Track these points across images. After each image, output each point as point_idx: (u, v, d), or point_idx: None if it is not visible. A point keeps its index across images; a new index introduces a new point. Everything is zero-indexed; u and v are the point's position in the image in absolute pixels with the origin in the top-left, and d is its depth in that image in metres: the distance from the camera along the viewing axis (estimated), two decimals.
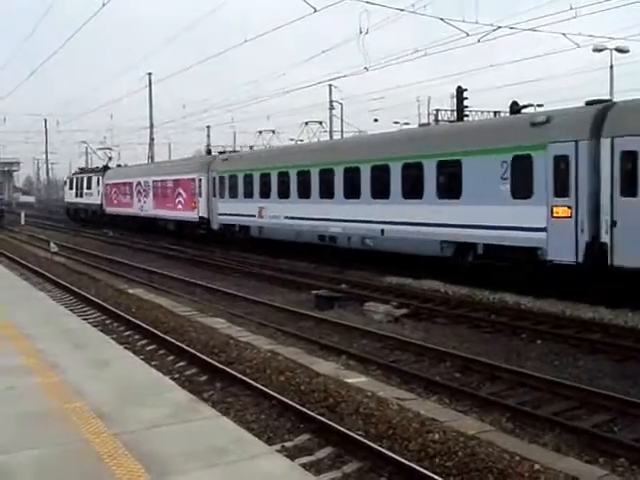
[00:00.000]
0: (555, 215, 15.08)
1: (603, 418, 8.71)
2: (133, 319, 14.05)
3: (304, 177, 23.86)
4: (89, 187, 47.45)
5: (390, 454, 6.89)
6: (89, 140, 77.93)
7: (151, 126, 57.02)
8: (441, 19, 20.75)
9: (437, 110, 41.37)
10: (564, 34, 23.30)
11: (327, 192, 22.61)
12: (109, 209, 43.65)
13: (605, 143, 14.08)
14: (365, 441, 7.24)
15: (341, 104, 55.69)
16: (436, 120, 40.74)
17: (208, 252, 28.34)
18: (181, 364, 11.03)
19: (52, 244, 27.62)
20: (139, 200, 38.78)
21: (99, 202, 44.93)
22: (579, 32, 23.87)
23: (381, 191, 20.23)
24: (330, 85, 52.62)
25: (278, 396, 8.78)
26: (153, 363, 10.42)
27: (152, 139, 57.42)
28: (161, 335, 12.55)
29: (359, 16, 20.61)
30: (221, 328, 13.45)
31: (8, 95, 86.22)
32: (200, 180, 31.36)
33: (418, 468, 6.53)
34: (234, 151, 35.89)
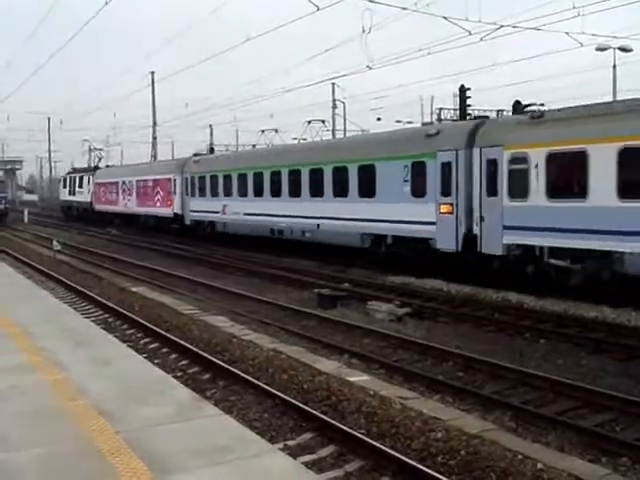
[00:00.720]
0: (441, 211, 18.22)
1: (606, 417, 8.70)
2: (136, 317, 14.07)
3: (259, 178, 27.16)
4: (80, 186, 50.57)
5: (393, 453, 6.88)
6: (92, 139, 77.95)
7: (154, 125, 57.06)
8: (444, 18, 20.74)
9: (440, 109, 41.28)
10: (567, 33, 23.25)
11: (276, 192, 25.98)
12: (98, 206, 46.44)
13: (476, 152, 17.27)
14: (367, 440, 7.24)
15: (344, 103, 55.68)
16: (439, 119, 40.65)
17: (211, 251, 28.38)
18: (184, 362, 11.04)
19: (55, 242, 27.64)
20: (124, 198, 41.73)
21: (89, 200, 48.02)
22: (582, 31, 23.80)
23: (317, 191, 23.46)
24: (333, 84, 52.60)
25: (281, 395, 8.79)
26: (156, 361, 10.44)
27: (155, 138, 57.48)
28: (164, 333, 12.57)
29: (362, 14, 20.59)
30: (224, 326, 13.46)
31: (11, 95, 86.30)
32: (175, 180, 34.59)
33: (421, 467, 6.53)
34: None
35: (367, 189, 20.98)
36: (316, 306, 16.24)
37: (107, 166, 51.46)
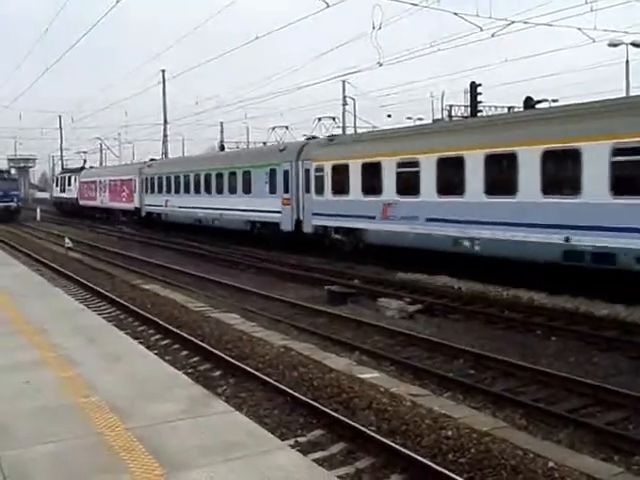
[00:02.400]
0: (284, 204, 26.14)
1: (618, 416, 8.64)
2: (147, 314, 14.13)
3: (186, 180, 35.39)
4: (69, 184, 58.42)
5: (403, 450, 6.88)
6: (104, 136, 78.41)
7: (165, 122, 57.24)
8: (455, 13, 20.66)
9: (450, 106, 41.17)
10: (579, 29, 23.11)
11: (197, 190, 34.01)
12: (82, 202, 54.18)
13: (300, 164, 25.43)
14: (378, 437, 7.24)
15: (354, 100, 55.54)
16: (449, 115, 40.52)
17: (221, 248, 28.51)
18: (195, 359, 11.08)
19: (67, 240, 27.80)
20: (100, 194, 49.66)
21: (76, 196, 55.64)
22: (594, 27, 23.65)
23: (220, 189, 31.58)
24: (343, 81, 52.47)
25: (291, 391, 8.80)
26: (167, 358, 10.46)
27: (166, 135, 57.67)
28: (175, 330, 12.61)
29: (372, 11, 20.55)
30: (234, 323, 13.49)
31: (23, 94, 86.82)
32: (135, 180, 42.46)
33: (431, 464, 6.52)
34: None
35: (247, 188, 29.13)
36: (326, 303, 16.24)
37: (91, 167, 59.69)
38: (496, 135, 17.24)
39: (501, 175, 17.07)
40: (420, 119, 49.39)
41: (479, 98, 36.48)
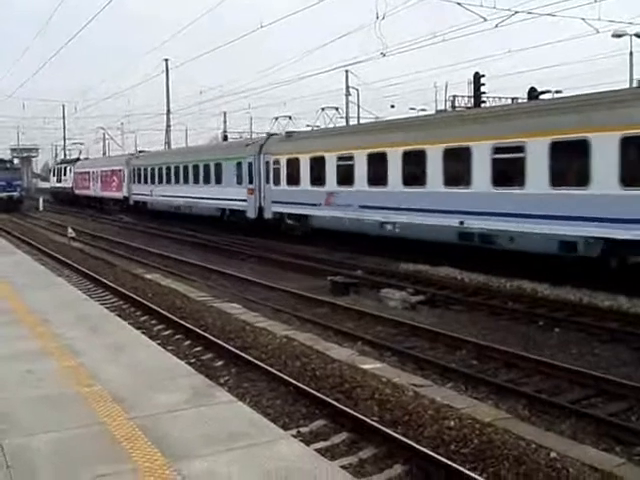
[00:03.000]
0: (249, 193, 28.99)
1: (620, 406, 8.64)
2: (150, 304, 14.13)
3: (168, 171, 38.26)
4: (65, 175, 61.27)
5: (406, 440, 6.88)
6: (107, 126, 78.32)
7: (168, 112, 57.06)
8: (458, 4, 20.55)
9: (454, 96, 40.95)
10: (583, 19, 22.97)
11: (176, 181, 37.00)
12: (77, 191, 56.97)
13: (262, 157, 28.34)
14: (380, 427, 7.24)
15: (357, 90, 55.31)
16: (453, 106, 40.30)
17: (222, 237, 28.50)
18: (197, 349, 11.09)
19: (69, 229, 27.81)
20: (93, 184, 52.48)
21: (71, 185, 58.59)
22: (599, 17, 23.50)
23: (195, 180, 34.42)
24: (346, 71, 52.24)
25: (294, 381, 8.80)
26: (169, 348, 10.47)
27: (169, 125, 57.49)
28: (177, 320, 12.62)
29: (376, 1, 20.45)
30: (237, 313, 13.49)
31: (25, 82, 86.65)
32: (123, 171, 45.22)
33: (434, 455, 6.52)
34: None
35: (218, 179, 31.97)
36: (329, 293, 16.23)
37: (86, 158, 62.58)
38: (414, 134, 20.13)
39: (414, 169, 19.63)
40: (423, 109, 49.18)
41: (482, 89, 36.30)
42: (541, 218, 15.70)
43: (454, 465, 6.29)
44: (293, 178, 25.77)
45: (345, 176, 22.55)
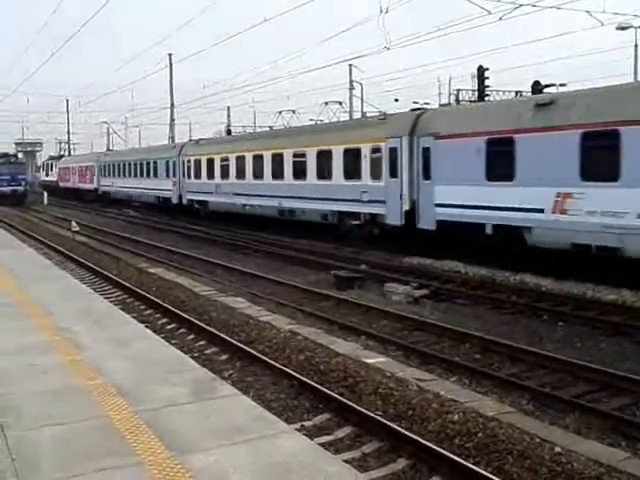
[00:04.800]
0: (173, 185, 37.45)
1: (625, 401, 8.63)
2: (154, 298, 14.15)
3: (124, 167, 46.32)
4: (52, 170, 69.92)
5: (410, 434, 6.87)
6: (111, 120, 78.47)
7: (172, 106, 56.98)
8: None
9: (458, 90, 40.80)
10: (588, 12, 22.84)
11: (130, 174, 44.99)
12: (61, 184, 64.24)
13: (181, 158, 36.99)
14: (384, 421, 7.23)
15: (361, 84, 55.13)
16: (457, 100, 40.15)
17: (229, 232, 28.51)
18: (201, 343, 11.10)
19: (74, 223, 27.84)
20: (72, 177, 60.78)
21: (56, 179, 66.46)
22: (603, 10, 23.36)
23: (142, 173, 42.54)
24: (350, 65, 52.07)
25: (297, 375, 8.80)
26: (173, 342, 10.48)
27: (173, 119, 57.43)
28: (181, 314, 12.63)
29: None
30: (241, 307, 13.50)
31: (30, 77, 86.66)
32: (94, 166, 53.34)
33: (438, 449, 6.52)
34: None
35: (155, 173, 40.26)
36: (333, 287, 16.23)
37: (69, 155, 73.05)
38: (255, 144, 29.75)
39: (258, 168, 28.48)
40: (427, 103, 49.03)
41: (487, 82, 36.17)
42: (313, 200, 24.31)
43: (459, 459, 6.28)
44: (198, 174, 34.81)
45: (225, 172, 31.79)
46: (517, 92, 35.85)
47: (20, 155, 76.32)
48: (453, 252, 18.07)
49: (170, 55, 53.78)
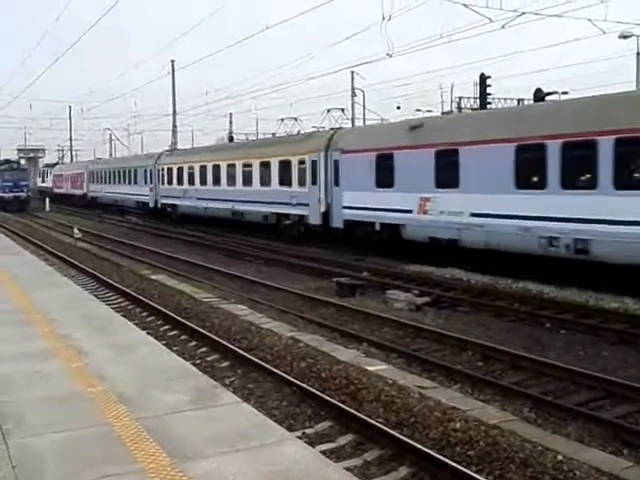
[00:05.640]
0: (150, 190, 41.91)
1: (627, 409, 8.60)
2: (155, 305, 14.15)
3: (109, 174, 51.35)
4: (47, 176, 74.87)
5: (411, 442, 6.86)
6: (113, 127, 78.82)
7: (174, 113, 57.14)
8: (464, 5, 20.51)
9: (460, 98, 40.93)
10: (590, 20, 22.87)
11: (114, 181, 49.78)
12: (55, 190, 68.49)
13: (156, 166, 41.57)
14: (386, 429, 7.22)
15: (363, 91, 55.28)
16: (459, 107, 40.27)
17: (227, 238, 28.54)
18: (203, 350, 11.09)
19: (76, 230, 27.88)
20: (64, 184, 65.56)
21: (51, 185, 70.87)
22: (605, 18, 23.37)
23: (124, 180, 47.28)
24: (352, 72, 52.22)
25: (299, 383, 8.79)
26: (175, 349, 10.48)
27: (175, 126, 57.55)
28: (183, 321, 12.63)
29: (381, 2, 20.44)
30: (242, 314, 13.49)
31: (32, 83, 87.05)
32: (84, 173, 58.42)
33: (439, 457, 6.50)
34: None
35: (135, 180, 44.73)
36: (334, 295, 16.22)
37: (63, 163, 78.42)
38: (213, 155, 35.11)
39: (216, 176, 33.23)
40: (429, 111, 49.17)
41: (489, 90, 36.24)
42: (257, 203, 28.61)
43: (460, 468, 6.27)
44: (170, 181, 39.04)
45: (191, 180, 36.06)
46: (519, 100, 35.92)
47: (22, 161, 76.76)
48: (447, 259, 18.86)
49: (173, 62, 54.02)
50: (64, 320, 9.85)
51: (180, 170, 37.39)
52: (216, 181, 32.80)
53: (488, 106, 35.09)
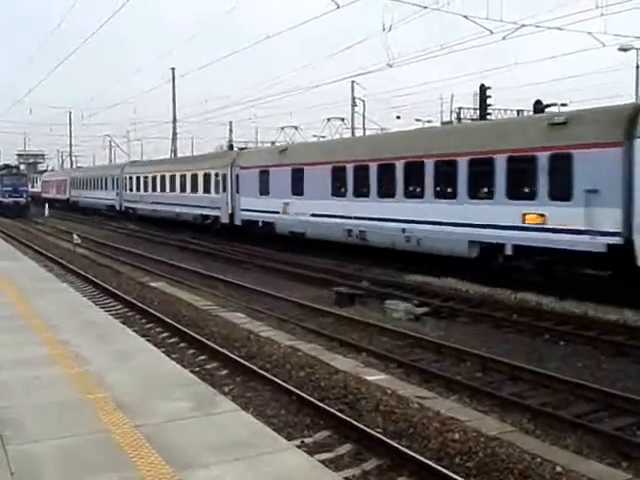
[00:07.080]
0: (116, 195, 49.20)
1: (626, 421, 8.60)
2: (155, 312, 14.14)
3: (87, 181, 57.81)
4: (37, 182, 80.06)
5: (410, 453, 6.85)
6: (113, 134, 79.06)
7: (174, 121, 57.33)
8: (464, 17, 20.59)
9: (459, 108, 41.10)
10: (589, 33, 22.96)
11: (92, 187, 55.64)
12: (43, 195, 72.82)
13: (123, 175, 47.59)
14: (385, 439, 7.21)
15: (363, 101, 55.46)
16: (458, 118, 40.40)
17: (227, 246, 28.57)
18: (202, 358, 11.09)
19: (75, 236, 27.87)
20: (50, 189, 72.05)
21: (40, 190, 75.60)
22: (605, 31, 23.47)
23: (99, 187, 53.16)
24: (352, 82, 52.43)
25: (298, 392, 8.79)
26: (174, 356, 10.47)
27: (175, 134, 57.77)
28: (182, 329, 12.62)
29: (382, 12, 20.55)
30: (242, 323, 13.49)
31: (33, 89, 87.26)
32: (67, 180, 64.75)
33: (438, 467, 6.50)
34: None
35: (105, 187, 51.17)
36: (333, 304, 16.21)
37: (51, 170, 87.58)
38: (167, 167, 41.36)
39: (164, 184, 39.49)
40: (429, 121, 49.34)
41: (489, 101, 36.40)
42: (189, 206, 35.35)
43: (459, 479, 6.26)
44: (131, 187, 45.48)
45: (146, 187, 42.60)
46: (519, 111, 36.04)
47: (22, 167, 76.96)
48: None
49: (173, 69, 54.33)
50: (64, 326, 9.85)
51: (138, 179, 44.47)
52: (163, 188, 39.94)
53: (488, 117, 35.22)
